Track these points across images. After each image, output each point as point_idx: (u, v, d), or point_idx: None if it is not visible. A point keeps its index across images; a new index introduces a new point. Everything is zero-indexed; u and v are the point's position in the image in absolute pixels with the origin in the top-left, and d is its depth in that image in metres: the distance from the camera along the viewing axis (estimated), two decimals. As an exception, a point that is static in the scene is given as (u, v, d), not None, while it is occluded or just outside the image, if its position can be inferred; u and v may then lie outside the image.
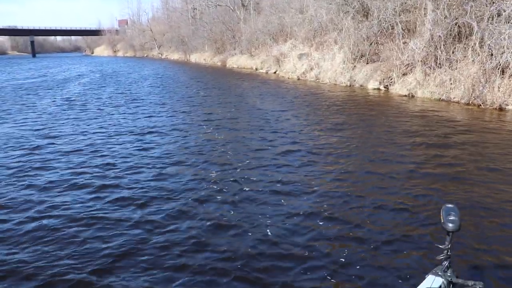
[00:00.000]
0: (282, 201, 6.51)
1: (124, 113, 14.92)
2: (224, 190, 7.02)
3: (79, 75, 34.16)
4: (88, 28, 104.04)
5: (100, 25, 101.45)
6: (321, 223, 5.66)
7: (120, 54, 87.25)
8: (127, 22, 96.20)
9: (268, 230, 5.48)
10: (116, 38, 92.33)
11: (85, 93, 21.54)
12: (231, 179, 7.58)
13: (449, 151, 9.22)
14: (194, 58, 52.87)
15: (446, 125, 11.96)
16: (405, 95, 17.87)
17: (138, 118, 13.93)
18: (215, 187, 7.17)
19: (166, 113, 15.11)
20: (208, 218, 5.87)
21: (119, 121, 13.47)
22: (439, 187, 7.05)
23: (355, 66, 22.43)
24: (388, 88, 19.56)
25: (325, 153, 9.36)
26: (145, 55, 76.08)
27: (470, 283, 2.18)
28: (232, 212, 6.09)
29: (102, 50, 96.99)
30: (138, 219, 5.87)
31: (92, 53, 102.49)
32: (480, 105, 14.50)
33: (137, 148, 9.99)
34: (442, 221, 2.57)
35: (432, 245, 5.03)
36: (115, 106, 16.64)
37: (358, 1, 23.29)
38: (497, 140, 10.21)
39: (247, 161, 8.76)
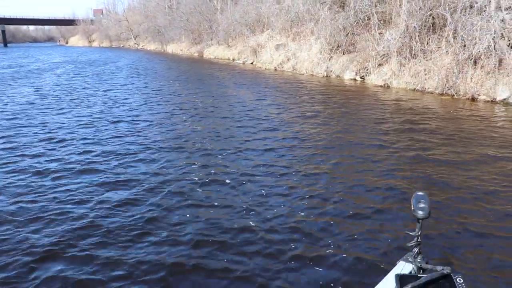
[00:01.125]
0: (262, 180, 6.48)
1: (100, 104, 14.60)
2: (199, 172, 6.95)
3: (54, 65, 33.37)
4: (62, 18, 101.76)
5: (75, 15, 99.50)
6: (297, 199, 5.65)
7: (95, 44, 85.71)
8: (102, 12, 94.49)
9: (250, 206, 5.48)
10: (91, 28, 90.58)
11: (60, 83, 21.02)
12: (207, 163, 7.55)
13: (421, 138, 9.33)
14: (171, 48, 52.30)
15: (420, 114, 12.09)
16: (381, 86, 18.02)
17: (114, 108, 13.64)
18: (190, 171, 7.09)
19: (143, 103, 14.86)
20: (190, 199, 5.81)
21: (94, 111, 13.17)
22: (412, 171, 7.13)
23: (331, 57, 22.48)
24: (364, 79, 19.69)
25: (301, 138, 9.38)
26: (121, 45, 74.93)
27: (439, 268, 2.19)
28: (208, 192, 6.02)
29: (77, 40, 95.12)
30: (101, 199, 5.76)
31: (67, 43, 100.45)
32: (454, 96, 14.71)
33: (111, 136, 9.82)
34: (413, 208, 2.59)
35: (402, 226, 5.12)
36: (90, 97, 16.26)
37: (335, -8, 23.31)
38: (468, 128, 10.38)
39: (223, 146, 8.75)
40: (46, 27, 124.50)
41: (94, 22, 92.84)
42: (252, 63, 30.80)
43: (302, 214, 5.60)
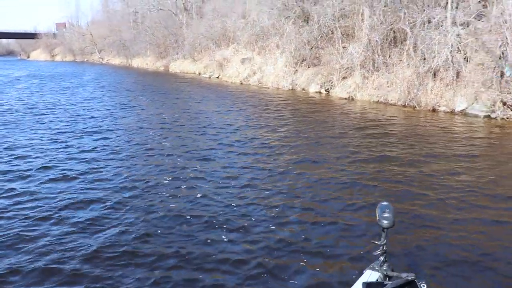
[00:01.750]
0: (225, 192, 6.42)
1: (64, 119, 14.22)
2: (165, 185, 6.83)
3: (15, 80, 32.38)
4: (23, 31, 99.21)
5: (36, 29, 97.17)
6: (260, 210, 5.61)
7: (58, 58, 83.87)
8: (65, 25, 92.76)
9: (213, 217, 5.37)
10: (53, 42, 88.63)
11: (22, 98, 20.34)
12: (173, 176, 7.44)
13: (384, 149, 9.51)
14: (136, 63, 51.72)
15: (383, 125, 12.35)
16: (345, 98, 18.31)
17: (79, 123, 13.33)
18: (157, 185, 6.96)
19: (108, 117, 14.58)
20: (159, 207, 5.67)
21: (58, 126, 12.84)
22: (376, 181, 7.22)
23: (296, 70, 22.74)
24: (329, 92, 19.97)
25: (265, 149, 9.42)
26: (85, 59, 73.57)
27: (404, 275, 2.27)
28: (173, 204, 5.90)
29: (38, 54, 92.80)
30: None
31: (28, 57, 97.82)
32: (415, 107, 15.10)
33: (75, 152, 9.60)
34: (378, 218, 2.69)
35: (368, 236, 5.17)
36: (54, 112, 15.82)
37: (299, 7, 23.68)
38: (429, 138, 10.66)
39: (189, 158, 8.70)
40: (5, 40, 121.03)
41: (56, 36, 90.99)
42: (218, 77, 30.79)
43: (265, 224, 5.57)
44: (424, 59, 15.39)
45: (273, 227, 5.51)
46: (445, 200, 6.42)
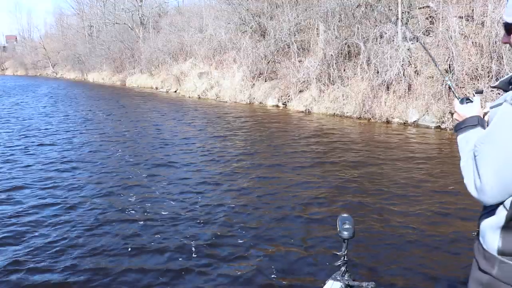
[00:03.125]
0: (181, 204, 6.28)
1: (16, 135, 13.65)
2: (122, 200, 6.63)
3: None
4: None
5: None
6: (214, 226, 5.52)
7: (9, 72, 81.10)
8: (16, 39, 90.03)
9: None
10: (3, 55, 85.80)
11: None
12: (129, 190, 7.22)
13: (341, 159, 9.64)
14: (92, 77, 50.69)
15: (339, 137, 12.57)
16: (303, 111, 18.54)
17: (32, 139, 12.82)
18: (113, 201, 6.74)
19: (63, 132, 14.12)
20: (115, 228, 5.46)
21: (9, 142, 12.30)
22: (333, 193, 7.28)
23: (254, 84, 22.89)
24: (286, 105, 20.18)
25: (222, 162, 9.42)
26: (38, 74, 71.46)
27: (364, 284, 2.34)
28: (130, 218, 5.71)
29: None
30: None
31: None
32: (370, 119, 15.47)
33: (27, 169, 9.20)
34: (338, 229, 2.80)
35: (329, 247, 5.18)
36: (5, 127, 15.22)
37: (255, 21, 23.95)
38: (383, 148, 10.93)
39: (146, 171, 8.51)
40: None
41: (6, 49, 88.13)
42: (175, 91, 30.58)
43: (219, 240, 5.49)
44: (378, 72, 15.82)
45: (230, 242, 5.42)
46: (402, 204, 6.57)
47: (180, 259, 5.02)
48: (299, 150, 10.95)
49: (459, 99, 2.17)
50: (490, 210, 1.83)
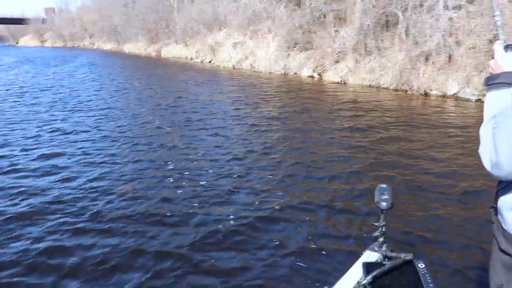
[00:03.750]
0: (215, 173, 6.45)
1: (59, 104, 14.13)
2: (157, 167, 6.86)
3: (6, 66, 32.01)
4: (10, 16, 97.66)
5: (24, 13, 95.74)
6: (253, 195, 5.66)
7: (48, 44, 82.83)
8: (54, 11, 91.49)
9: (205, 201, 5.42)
10: (43, 27, 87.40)
11: (16, 84, 20.15)
12: (165, 158, 7.44)
13: (377, 131, 9.56)
14: (128, 48, 51.23)
15: (375, 109, 12.40)
16: (338, 82, 18.32)
17: (75, 112, 13.23)
18: (150, 167, 6.98)
19: (103, 101, 14.61)
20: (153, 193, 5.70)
21: (52, 109, 12.82)
22: (370, 164, 7.27)
23: (289, 55, 22.67)
24: (321, 76, 19.96)
25: (257, 133, 9.43)
26: (76, 45, 72.71)
27: (402, 255, 2.35)
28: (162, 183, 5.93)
29: (28, 40, 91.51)
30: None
31: (17, 43, 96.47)
32: (407, 91, 15.15)
33: (66, 132, 9.64)
34: (376, 200, 2.74)
35: (366, 217, 5.24)
36: (48, 97, 15.71)
37: (291, -10, 23.53)
38: (421, 121, 10.74)
39: (181, 140, 8.80)
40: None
41: (45, 21, 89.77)
42: (210, 61, 30.64)
43: (261, 212, 5.60)
44: (416, 43, 15.39)
45: (273, 214, 5.54)
46: (441, 180, 6.51)
47: (221, 222, 5.17)
48: (334, 121, 10.91)
49: (504, 44, 1.76)
50: (505, 185, 1.66)
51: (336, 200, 5.94)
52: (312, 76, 20.38)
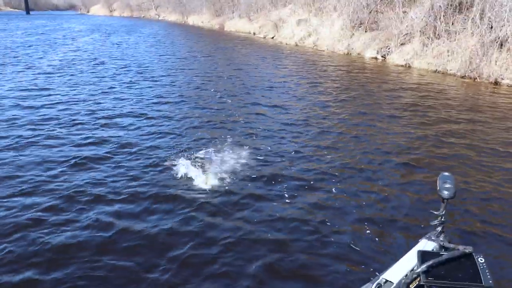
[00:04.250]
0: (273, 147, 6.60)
1: (126, 70, 14.78)
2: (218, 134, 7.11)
3: (78, 33, 33.48)
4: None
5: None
6: (311, 176, 5.76)
7: (116, 13, 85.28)
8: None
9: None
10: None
11: (86, 50, 21.17)
12: (227, 126, 7.70)
13: (442, 119, 9.28)
14: (192, 20, 51.82)
15: (441, 95, 11.99)
16: (402, 65, 17.76)
17: (141, 80, 13.79)
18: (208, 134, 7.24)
19: (167, 70, 15.25)
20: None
21: (121, 77, 13.54)
22: (432, 152, 7.14)
23: (353, 34, 22.15)
24: (385, 58, 19.39)
25: (317, 113, 9.42)
26: (142, 15, 74.40)
27: (461, 247, 2.25)
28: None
29: (98, 9, 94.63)
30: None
31: (88, 12, 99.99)
32: (476, 79, 14.45)
33: (134, 100, 10.19)
34: (438, 188, 2.65)
35: (425, 205, 5.20)
36: (116, 64, 16.43)
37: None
38: (490, 111, 10.29)
39: (242, 108, 9.09)
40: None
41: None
42: (273, 37, 30.49)
43: (318, 193, 5.69)
44: (491, 27, 14.56)
45: (330, 195, 5.62)
46: (506, 175, 6.30)
47: (277, 190, 5.35)
48: (395, 106, 10.66)
49: None
50: None
51: (394, 185, 5.91)
52: (375, 58, 19.84)
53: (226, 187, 5.68)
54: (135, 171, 6.20)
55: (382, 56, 19.61)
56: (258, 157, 6.83)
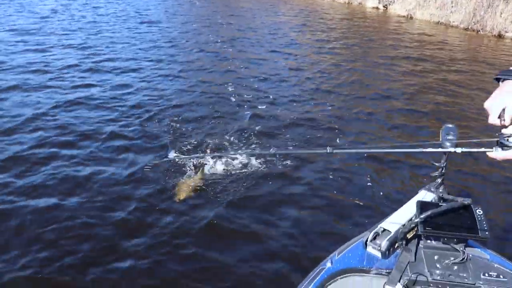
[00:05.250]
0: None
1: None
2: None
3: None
4: None
5: None
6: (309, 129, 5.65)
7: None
8: None
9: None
10: None
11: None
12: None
13: (443, 71, 9.13)
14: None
15: (440, 47, 11.73)
16: (404, 16, 17.28)
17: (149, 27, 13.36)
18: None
19: (162, 19, 14.64)
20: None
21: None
22: (433, 105, 7.01)
23: (355, -18, 21.42)
24: (386, 8, 18.83)
25: (313, 62, 9.24)
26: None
27: (460, 199, 2.21)
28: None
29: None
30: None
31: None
32: (479, 31, 14.10)
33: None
34: (441, 140, 2.55)
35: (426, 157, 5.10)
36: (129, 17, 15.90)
37: None
38: (491, 63, 10.07)
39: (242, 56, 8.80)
40: None
41: None
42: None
43: (311, 129, 5.58)
44: (498, -23, 14.05)
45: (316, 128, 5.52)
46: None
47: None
48: (395, 54, 10.44)
49: None
50: None
51: (394, 137, 5.81)
52: (377, 8, 19.28)
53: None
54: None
55: (383, 6, 19.03)
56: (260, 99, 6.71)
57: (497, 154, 1.64)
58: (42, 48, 9.51)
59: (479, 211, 2.10)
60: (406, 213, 2.40)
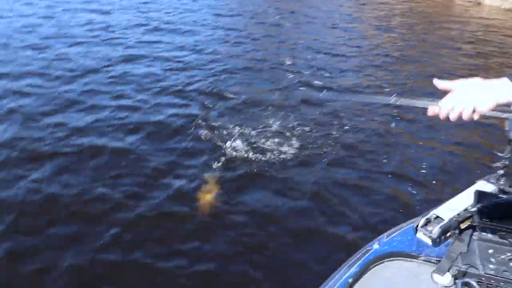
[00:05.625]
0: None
1: None
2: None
3: None
4: None
5: None
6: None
7: None
8: None
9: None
10: None
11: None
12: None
13: (508, 57, 8.69)
14: None
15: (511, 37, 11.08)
16: (471, 1, 16.39)
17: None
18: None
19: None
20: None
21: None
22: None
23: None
24: (453, -8, 17.94)
25: (374, 44, 9.18)
26: None
27: None
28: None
29: None
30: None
31: None
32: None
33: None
34: (507, 129, 2.45)
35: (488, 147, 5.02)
36: None
37: None
38: None
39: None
40: None
41: None
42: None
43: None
44: None
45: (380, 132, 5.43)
46: None
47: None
48: (458, 37, 10.13)
49: None
50: None
51: (452, 131, 5.62)
52: (442, -8, 18.40)
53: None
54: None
55: (450, -10, 18.15)
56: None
57: None
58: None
59: None
60: (461, 202, 2.31)
